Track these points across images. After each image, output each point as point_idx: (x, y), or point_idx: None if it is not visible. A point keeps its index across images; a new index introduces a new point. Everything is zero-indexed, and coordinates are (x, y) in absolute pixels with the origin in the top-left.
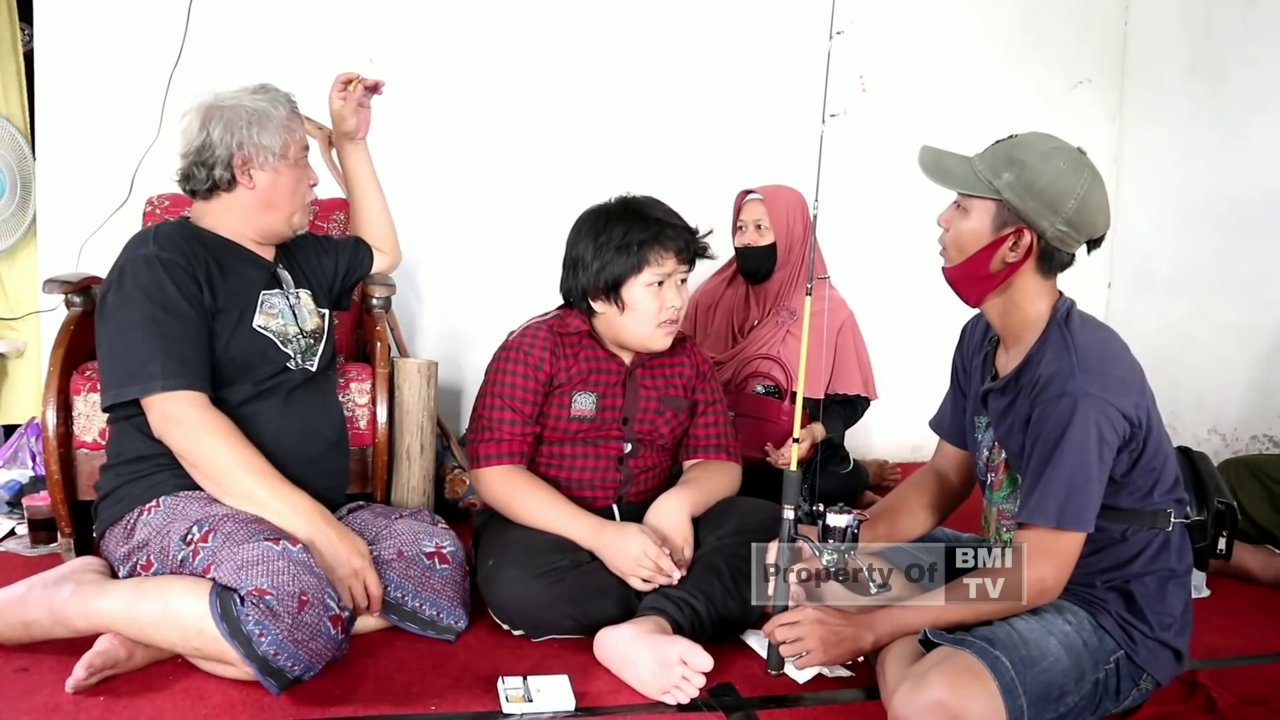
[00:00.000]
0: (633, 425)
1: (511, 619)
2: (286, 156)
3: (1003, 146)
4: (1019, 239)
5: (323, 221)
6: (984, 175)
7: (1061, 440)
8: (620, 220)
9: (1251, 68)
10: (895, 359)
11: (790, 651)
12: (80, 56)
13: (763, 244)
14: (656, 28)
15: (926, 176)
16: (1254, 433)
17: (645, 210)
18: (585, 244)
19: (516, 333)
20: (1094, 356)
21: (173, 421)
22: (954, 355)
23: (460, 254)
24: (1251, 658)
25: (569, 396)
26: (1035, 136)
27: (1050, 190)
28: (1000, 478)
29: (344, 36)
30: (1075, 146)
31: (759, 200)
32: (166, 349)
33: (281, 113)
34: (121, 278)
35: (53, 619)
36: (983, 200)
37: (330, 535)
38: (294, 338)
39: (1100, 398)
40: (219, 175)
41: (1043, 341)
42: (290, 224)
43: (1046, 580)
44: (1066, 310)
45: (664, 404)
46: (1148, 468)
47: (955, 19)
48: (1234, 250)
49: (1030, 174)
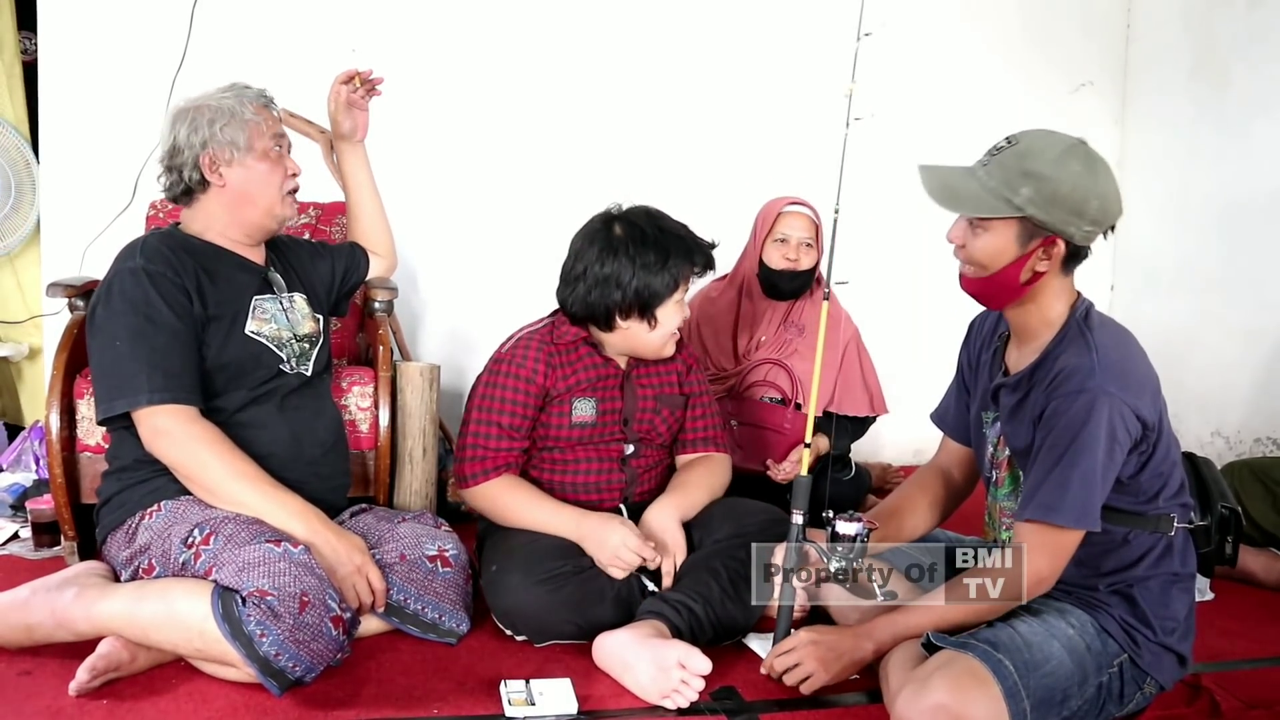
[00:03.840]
0: (633, 425)
1: (514, 624)
2: (254, 150)
3: (1010, 158)
4: (1049, 249)
5: (325, 225)
6: (999, 193)
7: (1077, 438)
8: (655, 241)
9: (1254, 70)
10: (898, 362)
11: (792, 680)
12: (84, 61)
13: (807, 267)
14: (660, 25)
15: (936, 203)
16: (1257, 435)
17: (673, 229)
18: (617, 263)
19: (508, 344)
20: (1114, 356)
21: (161, 435)
22: (960, 351)
23: (462, 257)
24: (1255, 661)
25: (569, 404)
26: (1038, 139)
27: (1073, 197)
28: (1003, 474)
29: (349, 41)
30: (1075, 139)
31: (808, 216)
32: (152, 362)
33: (248, 108)
34: (109, 291)
35: (55, 622)
36: (1002, 218)
37: (328, 536)
38: (288, 342)
39: (1118, 397)
40: (189, 176)
41: (1060, 339)
42: (272, 216)
43: (1043, 572)
44: (1086, 310)
45: (660, 402)
46: (1155, 472)
47: (957, 22)
48: (1237, 252)
49: (1050, 185)
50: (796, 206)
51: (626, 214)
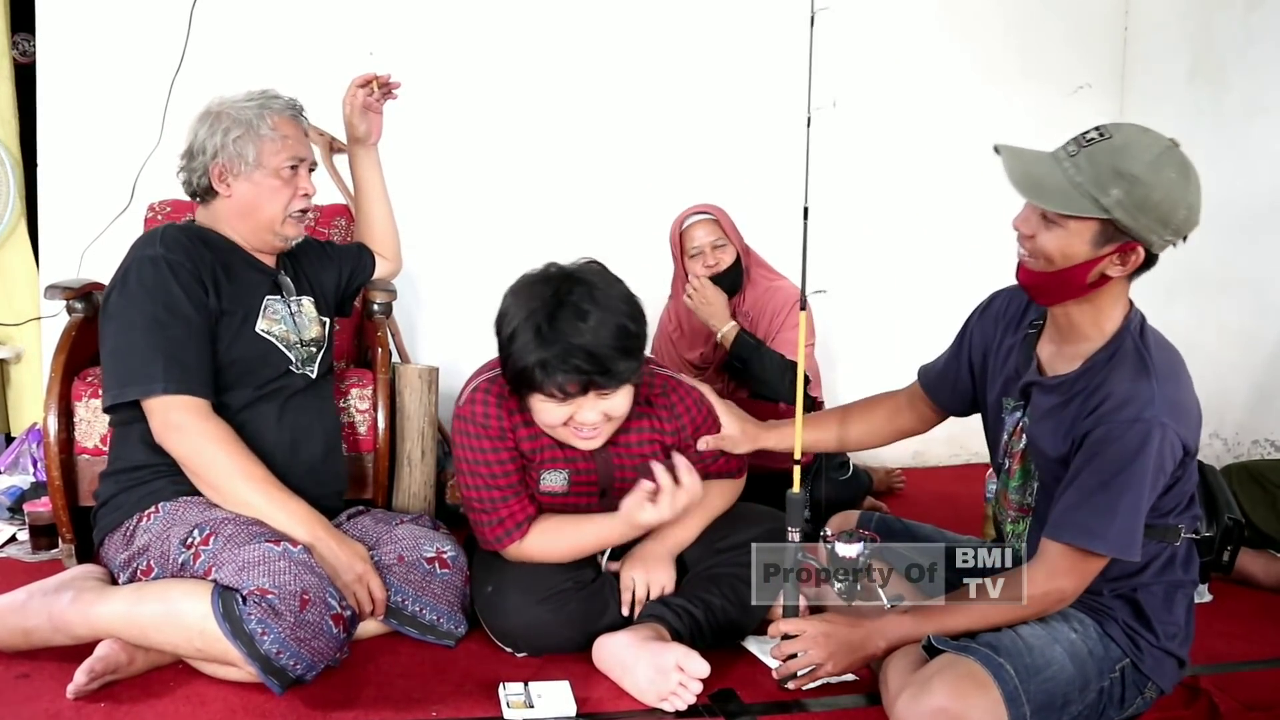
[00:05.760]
0: (611, 496)
1: (515, 643)
2: (264, 167)
3: (1102, 153)
4: (1126, 255)
5: (323, 227)
6: (1087, 190)
7: (1128, 468)
8: (549, 328)
9: (1252, 72)
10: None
11: (798, 665)
12: (82, 63)
13: (728, 264)
14: (661, 32)
15: (1017, 190)
16: (1255, 437)
17: (580, 329)
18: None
19: (465, 398)
20: (1170, 384)
21: (174, 428)
22: (971, 324)
23: (461, 258)
24: (1254, 663)
25: (537, 472)
26: (1135, 136)
27: (1164, 205)
28: (1016, 466)
29: (347, 43)
30: (1170, 140)
31: (709, 219)
32: (168, 352)
33: (266, 122)
34: (126, 277)
35: (53, 625)
36: (1084, 217)
37: (330, 543)
38: (294, 345)
39: (1172, 428)
40: (198, 181)
41: (1113, 352)
42: (275, 234)
43: (1066, 592)
44: (1140, 323)
45: (643, 472)
46: (1179, 492)
47: (955, 23)
48: (1235, 254)
49: (1143, 189)
50: (693, 217)
51: (566, 278)
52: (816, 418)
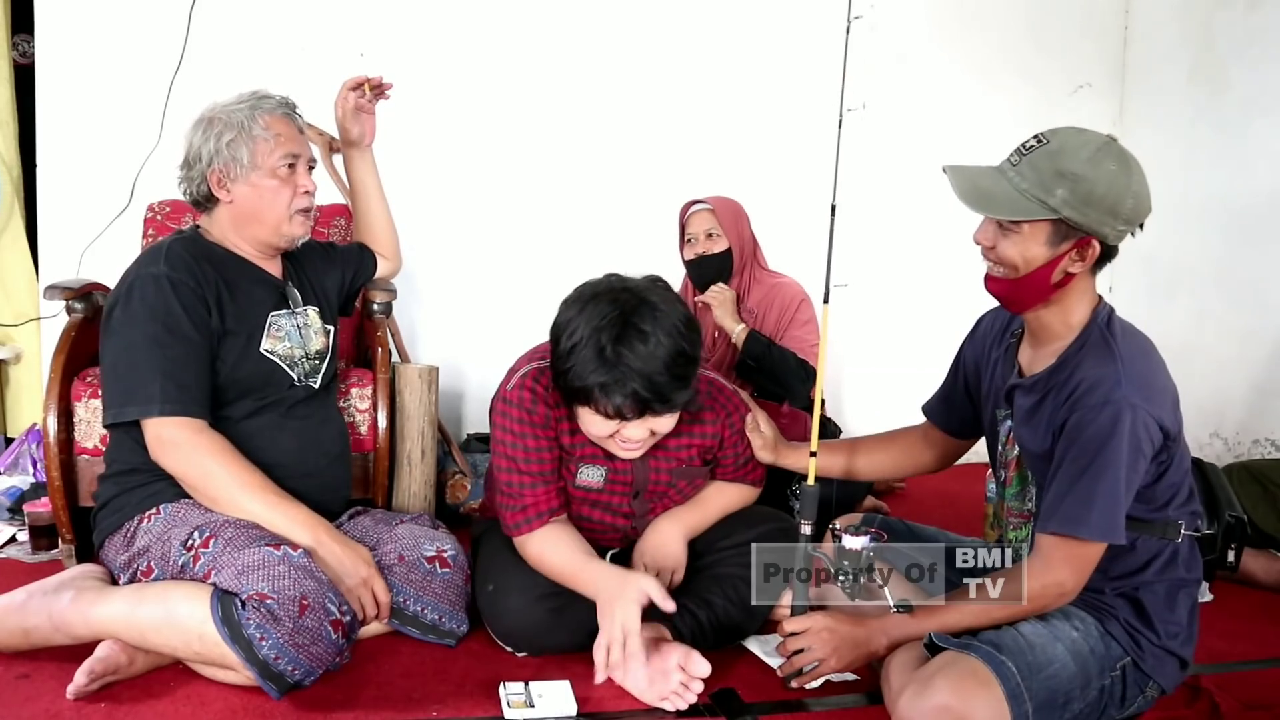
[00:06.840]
0: (643, 498)
1: (515, 643)
2: (260, 167)
3: (1042, 158)
4: (1083, 250)
5: (323, 227)
6: (1033, 194)
7: (1102, 451)
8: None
9: (1252, 71)
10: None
11: (802, 661)
12: (81, 64)
13: (717, 251)
14: (661, 24)
15: (967, 206)
16: (1256, 436)
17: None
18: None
19: (513, 382)
20: (1138, 365)
21: (168, 446)
22: (963, 346)
23: (461, 258)
24: (1255, 662)
25: (575, 465)
26: (1070, 138)
27: (1109, 197)
28: (1012, 474)
29: (346, 44)
30: (1106, 136)
31: (707, 210)
32: (167, 372)
33: (259, 123)
34: (129, 294)
35: (53, 626)
36: (1036, 220)
37: (334, 548)
38: (299, 360)
39: (1143, 408)
40: (198, 189)
41: (1082, 344)
42: (279, 235)
43: (1066, 585)
44: (1108, 315)
45: (677, 475)
46: (1170, 481)
47: (957, 24)
48: (1235, 254)
49: (1086, 185)
50: (695, 206)
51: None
52: (829, 446)
